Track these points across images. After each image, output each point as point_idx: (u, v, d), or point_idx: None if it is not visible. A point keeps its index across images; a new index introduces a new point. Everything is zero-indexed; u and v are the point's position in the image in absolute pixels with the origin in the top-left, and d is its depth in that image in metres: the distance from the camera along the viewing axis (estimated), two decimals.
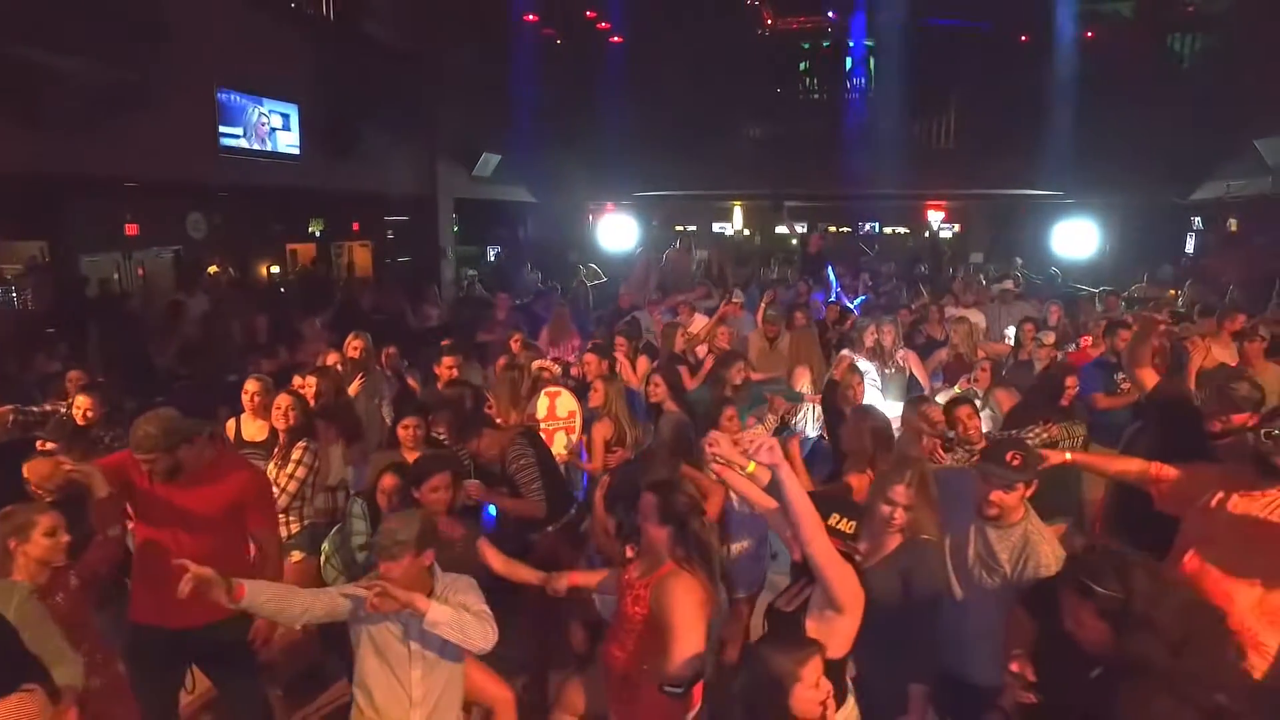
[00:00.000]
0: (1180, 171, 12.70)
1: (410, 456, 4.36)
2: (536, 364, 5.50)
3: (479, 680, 3.31)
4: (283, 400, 4.24)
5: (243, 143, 8.79)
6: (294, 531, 4.28)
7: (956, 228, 20.93)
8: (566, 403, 5.19)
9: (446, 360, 5.36)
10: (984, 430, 5.15)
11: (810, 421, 6.27)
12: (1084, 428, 4.86)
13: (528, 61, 14.04)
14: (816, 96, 17.38)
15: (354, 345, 5.70)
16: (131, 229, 10.91)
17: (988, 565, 2.79)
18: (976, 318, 8.76)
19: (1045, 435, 4.34)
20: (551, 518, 4.14)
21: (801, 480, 3.99)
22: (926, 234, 20.72)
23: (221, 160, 8.48)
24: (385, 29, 11.30)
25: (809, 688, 2.13)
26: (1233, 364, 5.73)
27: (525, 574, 3.54)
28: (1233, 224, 14.05)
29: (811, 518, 2.30)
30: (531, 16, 17.07)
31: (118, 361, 8.35)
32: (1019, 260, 15.58)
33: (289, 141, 9.49)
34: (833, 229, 23.49)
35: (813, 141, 15.55)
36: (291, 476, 4.20)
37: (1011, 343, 7.55)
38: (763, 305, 8.16)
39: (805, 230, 23.08)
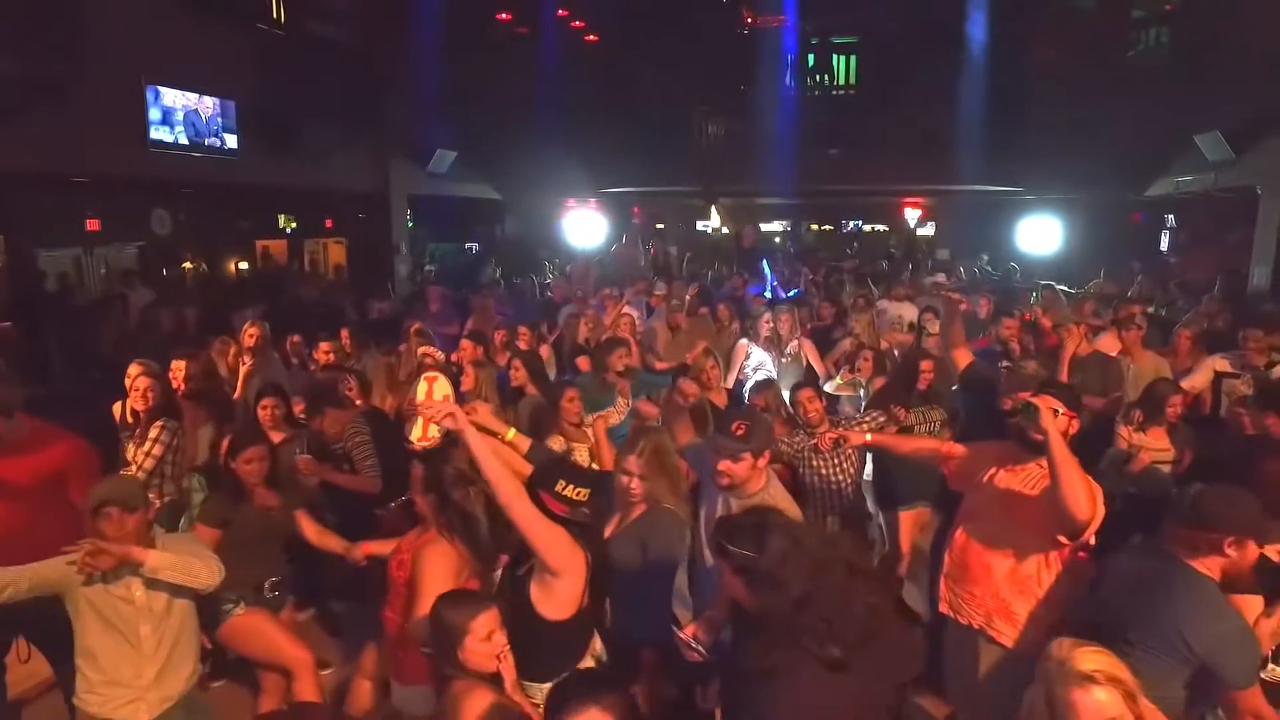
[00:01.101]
0: (1135, 168, 12.66)
1: (271, 435, 4.54)
2: (420, 350, 5.63)
3: (278, 642, 3.44)
4: (140, 382, 4.39)
5: (174, 137, 8.92)
6: (154, 509, 4.43)
7: (941, 224, 20.95)
8: (442, 387, 5.27)
9: (323, 346, 5.51)
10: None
11: None
12: (941, 412, 4.93)
13: (492, 59, 14.15)
14: (790, 94, 17.36)
15: (249, 333, 5.85)
16: (92, 224, 11.12)
17: None
18: (909, 311, 8.83)
19: (883, 419, 4.41)
20: (392, 494, 4.27)
21: (604, 456, 4.11)
22: (903, 231, 20.76)
23: (151, 155, 8.63)
24: (331, 26, 11.43)
25: (479, 640, 2.24)
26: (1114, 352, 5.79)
27: (334, 543, 3.69)
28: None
29: (505, 483, 2.41)
30: (505, 15, 17.28)
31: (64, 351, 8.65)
32: (984, 256, 15.63)
33: (226, 137, 9.64)
34: (815, 226, 23.69)
35: (782, 139, 15.56)
36: (148, 454, 4.35)
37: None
38: (687, 296, 8.30)
39: (791, 226, 23.39)
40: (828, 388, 6.17)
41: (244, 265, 13.87)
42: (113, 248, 11.77)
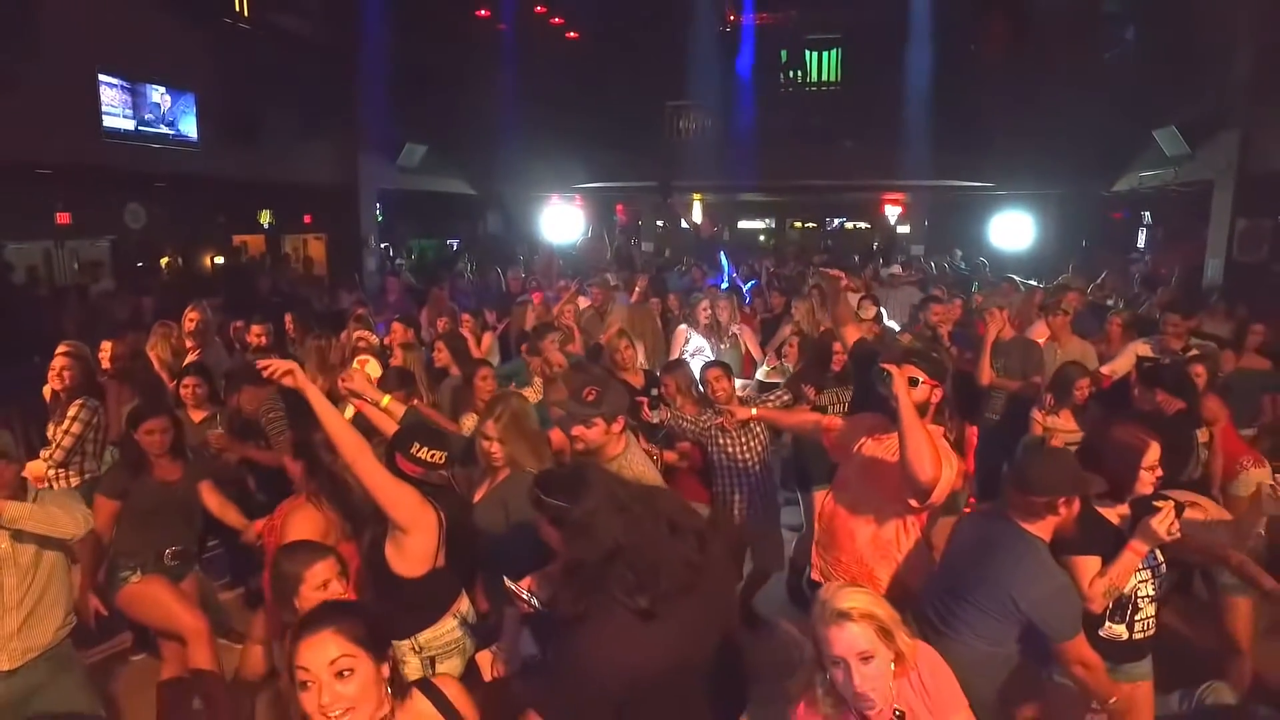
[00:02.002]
0: (1102, 163, 12.73)
1: (193, 414, 4.64)
2: (356, 334, 5.72)
3: (174, 610, 3.51)
4: (57, 362, 4.49)
5: (131, 127, 8.94)
6: (74, 485, 4.51)
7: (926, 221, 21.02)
8: (373, 368, 5.39)
9: (255, 329, 5.61)
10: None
11: None
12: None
13: (464, 54, 14.23)
14: (762, 91, 17.43)
15: (190, 318, 5.93)
16: (63, 218, 11.18)
17: None
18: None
19: (787, 397, 4.48)
20: None
21: None
22: (885, 229, 20.84)
23: (107, 145, 8.69)
24: (297, 19, 11.48)
25: (313, 589, 2.32)
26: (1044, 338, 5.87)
27: (233, 518, 3.76)
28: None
29: (347, 442, 2.50)
30: (484, 12, 17.35)
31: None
32: (958, 252, 15.71)
33: (185, 129, 9.69)
34: (798, 224, 23.77)
35: (751, 135, 15.63)
36: (66, 432, 4.43)
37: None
38: (638, 287, 8.37)
39: (775, 224, 23.48)
40: (758, 374, 6.26)
41: (219, 260, 13.94)
42: (84, 241, 11.85)
